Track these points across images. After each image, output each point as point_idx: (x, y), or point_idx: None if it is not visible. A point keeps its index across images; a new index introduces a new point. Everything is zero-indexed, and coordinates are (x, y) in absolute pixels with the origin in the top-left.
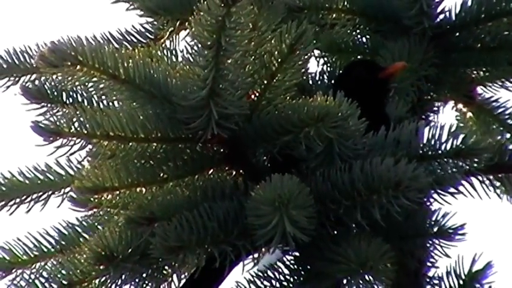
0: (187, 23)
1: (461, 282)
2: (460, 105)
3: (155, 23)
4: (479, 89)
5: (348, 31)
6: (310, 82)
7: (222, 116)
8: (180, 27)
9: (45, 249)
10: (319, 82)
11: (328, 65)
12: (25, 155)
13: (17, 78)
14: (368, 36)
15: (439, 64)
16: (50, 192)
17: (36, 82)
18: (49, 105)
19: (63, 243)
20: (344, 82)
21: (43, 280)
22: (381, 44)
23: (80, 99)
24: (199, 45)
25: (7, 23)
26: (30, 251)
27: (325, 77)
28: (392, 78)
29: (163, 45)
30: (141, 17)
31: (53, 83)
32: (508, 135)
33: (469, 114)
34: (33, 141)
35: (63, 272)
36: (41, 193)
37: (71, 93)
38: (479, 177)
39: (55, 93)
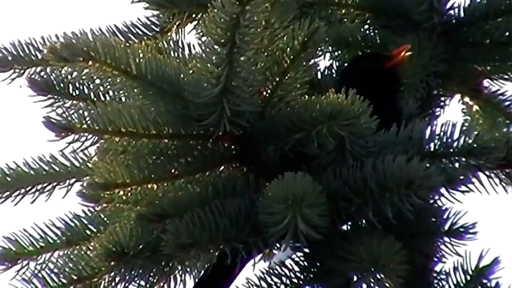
0: (194, 16)
1: (468, 277)
2: (466, 99)
3: (161, 16)
4: (486, 83)
5: (357, 26)
6: (319, 77)
7: (234, 113)
8: (186, 20)
9: (51, 241)
10: (327, 77)
11: (337, 60)
12: (30, 146)
13: (22, 71)
14: (377, 32)
15: (448, 60)
16: (55, 184)
17: (42, 74)
18: (55, 97)
19: (69, 234)
20: (350, 76)
21: (52, 274)
22: (390, 40)
23: (86, 91)
24: (213, 43)
25: (12, 16)
26: (36, 242)
27: (333, 72)
28: (400, 67)
29: (169, 38)
30: (146, 9)
31: (59, 76)
32: None
33: (476, 107)
34: (38, 132)
35: (73, 266)
36: (45, 184)
37: (77, 85)
38: (487, 173)
39: (61, 85)
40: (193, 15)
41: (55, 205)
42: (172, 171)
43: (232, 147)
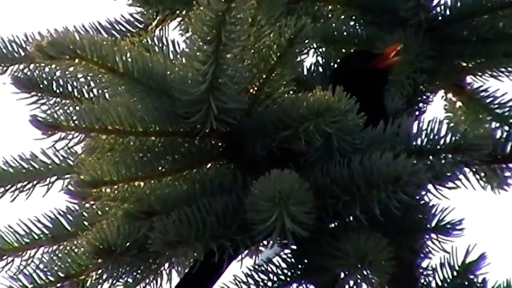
0: (178, 12)
1: (455, 273)
2: (449, 95)
3: (145, 12)
4: (469, 79)
5: (344, 23)
6: (306, 73)
7: (221, 111)
8: (171, 16)
9: (36, 237)
10: (314, 74)
11: (323, 56)
12: (10, 144)
13: (5, 68)
14: (364, 28)
15: (434, 56)
16: (35, 182)
17: (25, 71)
18: (39, 94)
19: (54, 231)
20: (340, 74)
21: (39, 271)
22: (376, 36)
23: (70, 89)
24: (199, 40)
25: None
26: (21, 238)
27: (320, 68)
28: (391, 68)
29: (153, 35)
30: (130, 6)
31: (43, 73)
32: (507, 128)
33: (459, 103)
34: (21, 130)
35: (60, 264)
36: (26, 182)
37: (61, 82)
38: (473, 169)
39: (45, 82)
40: (178, 12)
41: (40, 202)
42: (160, 168)
43: (220, 144)
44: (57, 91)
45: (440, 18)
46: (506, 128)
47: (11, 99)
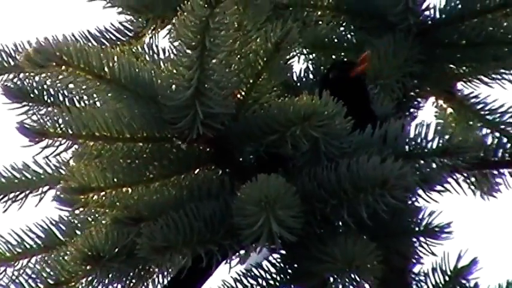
0: (167, 20)
1: (447, 278)
2: (440, 101)
3: (135, 21)
4: (459, 85)
5: (333, 28)
6: (295, 79)
7: (208, 116)
8: (161, 24)
9: (28, 246)
10: (303, 79)
11: (313, 62)
12: (1, 153)
13: None
14: (353, 33)
15: (424, 60)
16: (28, 192)
17: (15, 80)
18: (30, 104)
19: (46, 240)
20: (325, 84)
21: (29, 280)
22: (366, 41)
23: (61, 98)
24: (184, 46)
25: None
26: (13, 248)
27: (310, 75)
28: (363, 73)
29: (143, 42)
30: (120, 14)
31: (34, 82)
32: (498, 134)
33: (449, 110)
34: (11, 139)
35: (50, 271)
36: (18, 192)
37: (52, 92)
38: (464, 174)
39: (36, 92)
40: (167, 20)
41: (31, 211)
42: (147, 174)
43: (207, 149)
44: (48, 100)
45: (429, 22)
46: (497, 134)
47: (1, 108)
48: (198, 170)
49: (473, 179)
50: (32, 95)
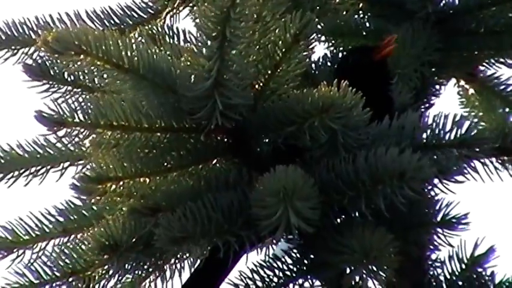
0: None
1: (463, 266)
2: (462, 82)
3: None
4: (481, 67)
5: (351, 16)
6: (313, 67)
7: (227, 106)
8: (182, 3)
9: (47, 229)
10: (321, 67)
11: (331, 49)
12: (24, 128)
13: (15, 50)
14: (371, 21)
15: (442, 49)
16: (49, 167)
17: (35, 56)
18: (51, 82)
19: (65, 223)
20: (343, 71)
21: (45, 267)
22: (384, 29)
23: (81, 78)
24: (204, 36)
25: None
26: (32, 230)
27: (328, 62)
28: (388, 57)
29: (163, 23)
30: None
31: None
32: None
33: (471, 90)
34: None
35: (66, 260)
36: (39, 167)
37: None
38: (482, 161)
39: (57, 71)
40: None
41: (50, 191)
42: (165, 164)
43: (225, 140)
44: (69, 79)
45: (448, 10)
46: None
47: (23, 85)
48: (215, 160)
49: (490, 166)
50: (52, 74)
